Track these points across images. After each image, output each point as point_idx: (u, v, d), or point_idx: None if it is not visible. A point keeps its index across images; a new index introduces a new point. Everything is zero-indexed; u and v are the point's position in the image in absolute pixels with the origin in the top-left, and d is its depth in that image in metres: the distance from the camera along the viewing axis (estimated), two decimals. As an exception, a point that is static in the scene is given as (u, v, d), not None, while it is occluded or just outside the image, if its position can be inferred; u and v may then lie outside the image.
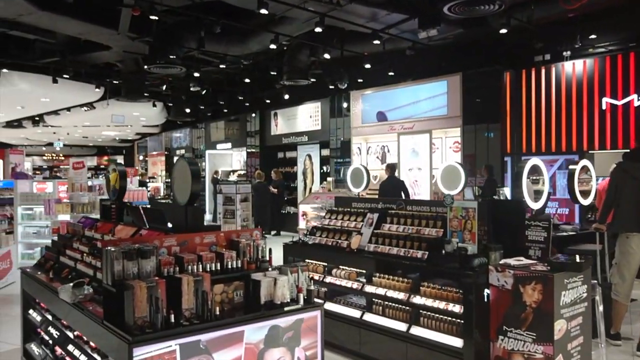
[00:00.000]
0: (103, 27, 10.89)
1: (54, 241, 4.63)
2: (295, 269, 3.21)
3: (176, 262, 2.92)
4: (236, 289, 3.03)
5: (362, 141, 13.81)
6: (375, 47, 11.56)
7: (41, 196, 10.34)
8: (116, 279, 2.71)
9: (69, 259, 4.03)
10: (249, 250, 3.21)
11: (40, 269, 4.37)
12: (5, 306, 7.65)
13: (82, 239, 4.14)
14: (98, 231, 4.13)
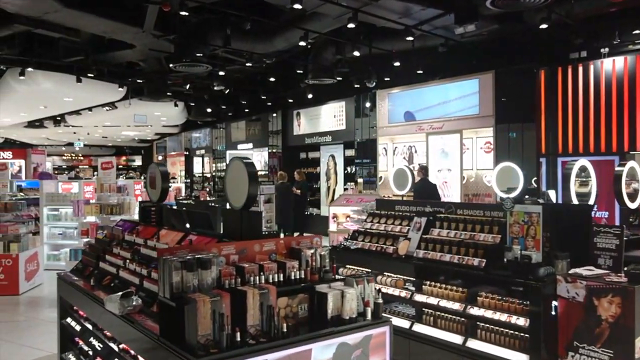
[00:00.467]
0: (128, 25, 10.73)
1: (92, 245, 4.41)
2: (361, 279, 2.94)
3: (237, 273, 2.66)
4: (300, 302, 2.76)
5: (388, 141, 13.50)
6: (404, 44, 11.25)
7: (67, 196, 10.22)
8: (175, 291, 2.46)
9: (109, 265, 3.80)
10: (312, 260, 2.95)
11: (78, 275, 4.15)
12: (34, 309, 7.48)
13: (123, 244, 3.91)
14: (140, 235, 3.90)
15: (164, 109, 18.26)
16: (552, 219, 4.27)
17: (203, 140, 23.97)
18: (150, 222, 4.26)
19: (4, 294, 8.01)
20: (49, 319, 6.83)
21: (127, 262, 3.56)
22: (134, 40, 11.93)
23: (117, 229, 4.21)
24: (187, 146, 25.43)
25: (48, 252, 10.15)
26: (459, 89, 11.64)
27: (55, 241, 10.37)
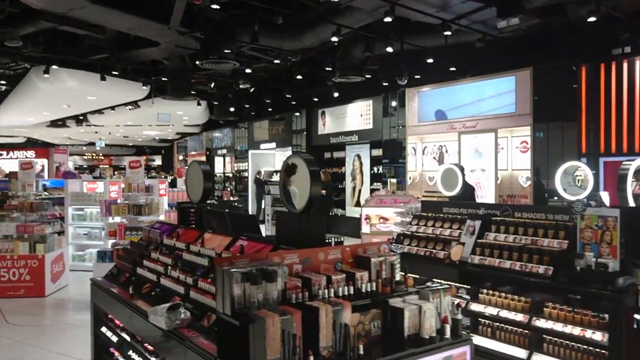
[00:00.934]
0: (154, 21, 10.52)
1: (127, 249, 4.12)
2: (438, 292, 2.59)
3: (303, 286, 2.34)
4: (373, 319, 2.43)
5: (417, 141, 13.09)
6: (437, 40, 10.89)
7: (92, 196, 10.04)
8: (236, 307, 2.14)
9: (148, 272, 3.51)
10: (382, 269, 2.61)
11: (113, 281, 3.87)
12: (61, 312, 7.26)
13: (162, 248, 3.61)
14: (180, 239, 3.60)
15: (187, 108, 18.09)
16: (630, 223, 3.88)
17: (224, 140, 23.79)
18: (190, 224, 3.95)
19: (29, 296, 7.81)
20: (77, 323, 6.60)
21: (169, 269, 3.26)
22: (159, 38, 11.73)
23: (154, 231, 3.92)
24: (208, 146, 25.28)
25: (73, 253, 9.96)
26: (494, 86, 11.20)
27: (80, 241, 10.19)
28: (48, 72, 11.95)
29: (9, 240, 8.00)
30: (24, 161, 8.69)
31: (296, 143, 17.42)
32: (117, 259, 4.09)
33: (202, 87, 16.16)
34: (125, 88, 14.77)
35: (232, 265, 2.25)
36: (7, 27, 9.84)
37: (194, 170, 3.91)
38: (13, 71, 14.00)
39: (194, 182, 3.92)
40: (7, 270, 7.82)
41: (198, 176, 3.83)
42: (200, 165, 3.84)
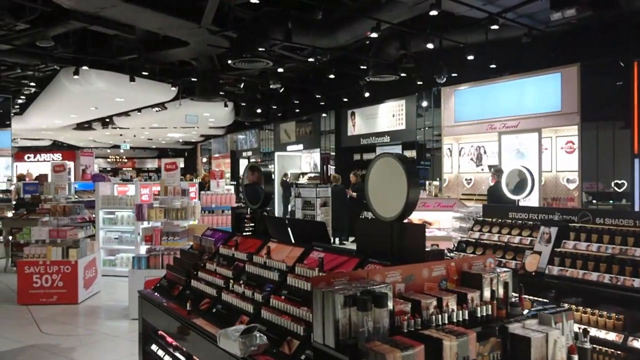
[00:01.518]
0: (184, 20, 10.27)
1: (178, 259, 3.78)
2: (559, 316, 2.19)
3: (413, 310, 1.95)
4: (493, 349, 2.03)
5: (453, 141, 12.62)
6: (476, 37, 10.45)
7: (123, 199, 9.80)
8: (341, 338, 1.76)
9: (205, 285, 3.16)
10: (495, 288, 2.21)
11: (164, 294, 3.53)
12: (95, 321, 6.98)
13: (219, 259, 3.26)
14: (240, 249, 3.24)
15: (213, 109, 17.87)
16: None
17: (249, 141, 23.54)
18: (245, 232, 3.60)
19: (62, 303, 7.56)
20: (113, 332, 6.32)
21: (231, 283, 2.90)
22: (189, 37, 11.49)
23: (207, 239, 3.58)
24: (233, 148, 25.06)
25: (103, 257, 9.73)
26: (538, 84, 10.68)
27: (111, 246, 9.96)
28: (78, 73, 11.78)
29: (40, 245, 7.77)
30: (56, 163, 8.48)
31: (324, 144, 17.05)
32: (167, 269, 3.75)
33: (231, 88, 15.92)
34: (153, 89, 14.58)
35: (331, 286, 1.87)
36: (39, 27, 9.67)
37: (254, 172, 3.55)
38: (42, 73, 13.91)
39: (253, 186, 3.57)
40: (40, 277, 7.58)
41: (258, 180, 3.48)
42: (260, 167, 3.48)
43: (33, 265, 7.58)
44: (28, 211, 10.52)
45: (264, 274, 2.84)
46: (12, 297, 7.89)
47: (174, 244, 6.82)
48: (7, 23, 9.54)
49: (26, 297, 7.57)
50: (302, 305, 2.40)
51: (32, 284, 7.56)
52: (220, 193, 9.14)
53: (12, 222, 10.51)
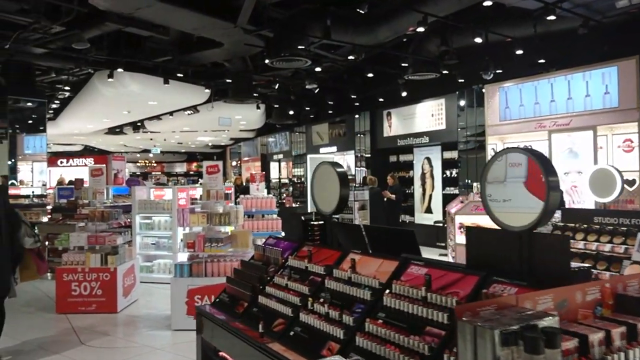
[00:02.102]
0: (220, 19, 10.00)
1: (238, 271, 3.41)
2: None
3: (581, 348, 1.51)
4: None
5: (498, 141, 12.06)
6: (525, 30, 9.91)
7: (160, 204, 9.54)
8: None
9: (277, 303, 2.77)
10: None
11: (227, 311, 3.15)
12: (136, 332, 6.68)
13: (290, 272, 2.87)
14: (314, 260, 2.84)
15: (245, 112, 17.63)
16: None
17: (279, 144, 23.27)
18: (314, 240, 3.20)
19: (101, 312, 7.30)
20: (156, 345, 6.01)
21: (310, 301, 2.50)
22: (223, 38, 11.24)
23: (272, 249, 3.19)
24: (263, 151, 24.81)
25: (140, 264, 9.47)
26: (592, 78, 10.08)
27: (148, 251, 9.72)
28: (112, 76, 11.63)
29: (79, 251, 7.53)
30: (94, 167, 8.25)
31: (359, 146, 16.61)
32: (227, 282, 3.37)
33: (262, 90, 15.65)
34: (186, 92, 14.39)
35: (478, 317, 1.45)
36: (74, 29, 9.50)
37: (325, 173, 3.15)
38: (76, 77, 13.84)
39: (325, 189, 3.16)
40: (79, 284, 7.33)
41: (331, 181, 3.07)
42: (334, 167, 3.07)
43: (72, 272, 7.35)
44: (64, 216, 10.36)
45: (350, 291, 2.44)
46: (51, 305, 7.68)
47: (217, 250, 6.49)
48: (43, 26, 9.40)
49: (65, 306, 7.34)
50: (410, 333, 1.98)
51: (71, 292, 7.33)
52: (260, 197, 8.79)
53: (48, 227, 10.35)
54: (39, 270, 5.73)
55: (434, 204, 14.08)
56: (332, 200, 3.06)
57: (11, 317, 7.22)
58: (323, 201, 3.19)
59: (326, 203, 3.14)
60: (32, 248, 5.56)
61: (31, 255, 5.60)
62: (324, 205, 3.16)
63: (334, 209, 3.07)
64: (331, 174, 3.06)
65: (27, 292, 8.90)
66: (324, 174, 3.19)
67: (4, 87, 12.05)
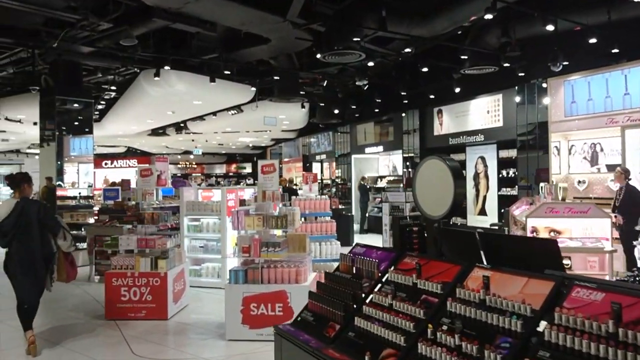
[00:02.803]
0: (269, 13, 9.62)
1: (323, 285, 2.92)
2: None
3: None
4: None
5: (561, 138, 11.25)
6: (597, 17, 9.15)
7: (208, 205, 9.20)
8: None
9: (382, 328, 2.25)
10: None
11: (312, 333, 2.66)
12: (188, 341, 6.29)
13: (394, 290, 2.35)
14: (425, 276, 2.31)
15: (289, 111, 17.24)
16: None
17: (321, 144, 22.84)
18: (412, 248, 2.68)
19: (151, 318, 6.96)
20: (211, 356, 5.60)
21: (429, 329, 1.97)
22: (271, 33, 10.87)
23: (364, 259, 2.69)
24: (305, 152, 24.43)
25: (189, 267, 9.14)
26: (674, 68, 9.21)
27: (196, 255, 9.37)
28: (158, 74, 11.40)
29: (128, 255, 7.22)
30: (142, 168, 7.96)
31: (407, 145, 15.99)
32: (310, 298, 2.89)
33: (308, 89, 15.23)
34: (231, 91, 14.10)
35: None
36: (122, 25, 9.28)
37: (433, 169, 2.62)
38: (122, 77, 13.74)
39: (433, 188, 2.63)
40: (128, 290, 7.01)
41: (440, 178, 2.55)
42: (445, 161, 2.54)
43: (121, 277, 7.03)
44: (111, 218, 10.15)
45: (486, 318, 1.91)
46: (99, 311, 7.41)
47: (274, 255, 6.05)
48: (91, 23, 9.20)
49: (114, 312, 7.03)
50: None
51: (120, 298, 7.01)
52: (313, 198, 8.32)
53: (95, 229, 10.17)
54: (69, 276, 6.09)
55: (489, 205, 13.34)
56: (443, 202, 2.53)
57: (60, 322, 6.98)
58: (430, 203, 2.66)
59: (434, 205, 2.61)
60: (67, 252, 5.99)
61: (65, 261, 5.99)
62: (432, 208, 2.63)
63: (446, 212, 2.54)
64: (441, 170, 2.54)
65: (76, 295, 8.70)
66: (431, 171, 2.65)
67: (51, 88, 11.98)
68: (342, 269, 2.94)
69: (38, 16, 9.23)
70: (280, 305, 5.99)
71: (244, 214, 6.23)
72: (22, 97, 14.31)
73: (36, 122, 13.73)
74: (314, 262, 7.29)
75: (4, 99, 15.53)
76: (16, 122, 17.50)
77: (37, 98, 12.51)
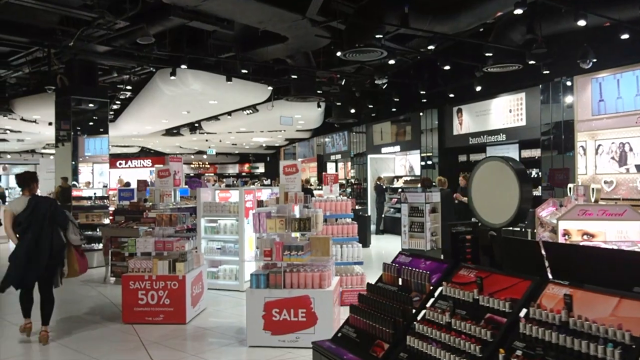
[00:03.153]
0: (288, 11, 9.42)
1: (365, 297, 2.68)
2: None
3: None
4: None
5: (588, 138, 10.94)
6: (629, 13, 8.82)
7: (225, 206, 9.00)
8: None
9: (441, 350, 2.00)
10: None
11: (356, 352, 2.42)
12: (207, 347, 6.07)
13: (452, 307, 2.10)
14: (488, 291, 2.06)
15: (305, 110, 17.02)
16: None
17: (336, 144, 22.60)
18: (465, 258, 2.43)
19: (169, 322, 6.76)
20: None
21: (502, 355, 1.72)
22: (289, 31, 10.66)
23: (410, 270, 2.45)
24: (319, 151, 24.20)
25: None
26: None
27: (213, 256, 9.16)
28: (175, 73, 11.23)
29: (146, 258, 7.03)
30: (160, 168, 7.78)
31: (425, 145, 15.68)
32: (351, 311, 2.65)
33: (327, 88, 14.99)
34: (247, 90, 13.91)
35: None
36: (139, 22, 9.11)
37: (493, 172, 2.36)
38: (138, 76, 13.60)
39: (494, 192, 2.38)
40: (146, 293, 6.82)
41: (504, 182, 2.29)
42: (508, 163, 2.29)
43: (138, 280, 6.83)
44: (127, 219, 9.99)
45: (573, 344, 1.66)
46: (116, 314, 7.23)
47: (297, 259, 5.81)
48: (107, 21, 9.05)
49: (132, 316, 6.84)
50: None
51: (138, 301, 6.82)
52: (334, 199, 8.08)
53: (111, 230, 10.01)
54: (80, 267, 6.37)
55: (511, 207, 13.01)
56: (506, 208, 2.27)
57: (77, 327, 6.80)
58: (490, 209, 2.40)
59: (495, 211, 2.35)
60: (77, 246, 6.29)
61: (75, 254, 6.26)
62: (491, 215, 2.38)
63: (510, 220, 2.28)
64: (504, 172, 2.28)
65: (91, 297, 8.55)
66: (491, 174, 2.39)
67: (67, 88, 11.87)
68: (386, 280, 2.70)
69: (54, 14, 9.10)
70: (303, 311, 5.75)
71: (265, 216, 6.01)
72: (38, 97, 14.25)
73: (51, 122, 13.66)
74: (335, 266, 7.06)
75: (20, 99, 15.49)
76: (31, 122, 17.47)
77: (52, 98, 12.41)
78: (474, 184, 2.52)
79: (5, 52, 11.71)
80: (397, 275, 2.61)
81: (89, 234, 11.61)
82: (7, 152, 31.97)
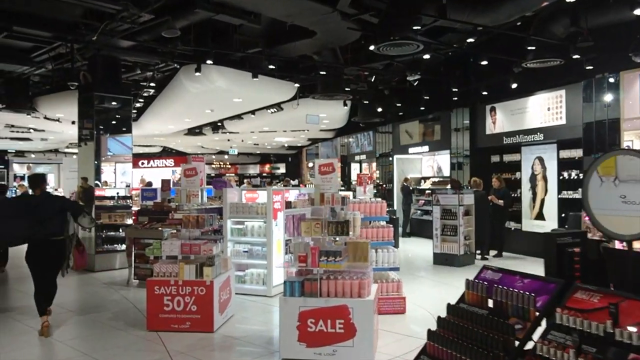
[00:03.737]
0: (318, 3, 9.00)
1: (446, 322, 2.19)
2: None
3: None
4: None
5: (635, 137, 10.30)
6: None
7: (252, 207, 8.60)
8: None
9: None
10: None
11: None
12: (238, 358, 5.67)
13: (579, 342, 1.63)
14: (624, 323, 1.58)
15: (330, 109, 16.58)
16: None
17: (360, 144, 22.12)
18: (573, 276, 1.96)
19: (196, 330, 6.38)
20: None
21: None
22: (318, 25, 10.25)
23: (505, 291, 1.97)
24: (343, 152, 23.74)
25: (232, 273, 8.55)
26: None
27: (240, 260, 8.76)
28: (199, 69, 10.89)
29: (172, 262, 6.66)
30: (187, 167, 7.39)
31: (456, 145, 15.11)
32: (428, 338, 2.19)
33: (354, 85, 14.54)
34: (273, 87, 13.51)
35: None
36: (164, 15, 8.78)
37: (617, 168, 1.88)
38: (161, 73, 13.32)
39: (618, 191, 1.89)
40: (171, 299, 6.44)
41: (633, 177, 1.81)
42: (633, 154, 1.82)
43: (164, 285, 6.46)
44: (150, 220, 9.66)
45: None
46: (140, 320, 6.87)
47: (334, 266, 5.38)
48: (132, 14, 8.72)
49: (156, 323, 6.47)
50: None
51: (163, 307, 6.44)
52: (368, 201, 7.63)
53: (134, 230, 9.69)
54: (76, 263, 6.97)
55: (547, 209, 12.36)
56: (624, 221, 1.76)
57: (100, 333, 6.45)
58: (615, 219, 1.90)
59: (622, 221, 1.86)
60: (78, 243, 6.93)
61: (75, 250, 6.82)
62: (618, 225, 1.88)
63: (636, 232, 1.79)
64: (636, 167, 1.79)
65: (114, 301, 8.22)
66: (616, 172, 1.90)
67: (90, 84, 11.61)
68: (470, 300, 2.24)
69: (78, 7, 8.81)
70: (341, 321, 5.32)
71: (299, 218, 5.58)
72: (61, 95, 14.07)
73: (74, 121, 13.41)
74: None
75: (43, 97, 15.35)
76: (55, 121, 17.35)
77: (75, 96, 12.18)
78: (590, 186, 2.04)
79: (28, 48, 11.50)
80: (487, 296, 2.15)
81: (112, 235, 11.35)
82: (32, 152, 32.17)
